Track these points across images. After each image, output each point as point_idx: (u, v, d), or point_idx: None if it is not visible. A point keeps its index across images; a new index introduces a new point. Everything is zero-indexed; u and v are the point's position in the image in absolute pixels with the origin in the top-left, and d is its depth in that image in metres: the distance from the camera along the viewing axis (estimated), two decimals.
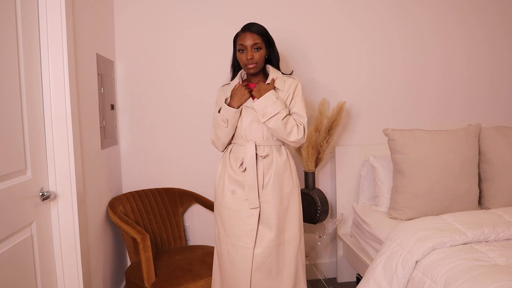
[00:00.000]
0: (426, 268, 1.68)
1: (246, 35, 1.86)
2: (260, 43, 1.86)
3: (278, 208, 1.86)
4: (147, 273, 2.01)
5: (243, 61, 1.87)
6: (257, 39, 1.85)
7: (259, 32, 1.87)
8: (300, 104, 1.92)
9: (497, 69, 2.95)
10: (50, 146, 1.67)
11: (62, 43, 1.66)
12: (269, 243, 1.83)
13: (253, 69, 1.88)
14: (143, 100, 2.59)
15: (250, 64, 1.86)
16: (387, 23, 2.79)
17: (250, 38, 1.84)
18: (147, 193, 2.49)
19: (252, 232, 1.83)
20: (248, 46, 1.84)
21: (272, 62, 1.97)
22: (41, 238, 1.61)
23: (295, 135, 1.86)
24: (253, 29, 1.87)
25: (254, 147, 1.86)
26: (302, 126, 1.88)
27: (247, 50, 1.85)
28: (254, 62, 1.86)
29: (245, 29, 1.88)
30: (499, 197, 2.31)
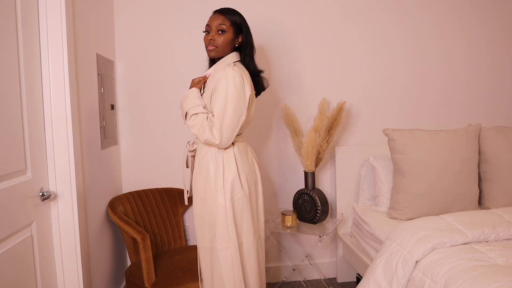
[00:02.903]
0: (426, 268, 1.68)
1: (214, 16, 1.79)
2: (226, 27, 1.76)
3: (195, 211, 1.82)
4: (147, 273, 2.01)
5: (205, 43, 1.80)
6: (224, 21, 1.76)
7: (228, 14, 1.77)
8: (216, 101, 1.69)
9: (497, 69, 2.95)
10: (50, 146, 1.67)
11: (62, 43, 1.66)
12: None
13: (213, 52, 1.79)
14: (143, 100, 2.59)
15: (210, 45, 1.77)
16: (387, 23, 2.79)
17: (216, 19, 1.77)
18: (147, 193, 2.49)
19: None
20: (213, 27, 1.76)
21: (241, 53, 1.83)
22: (41, 238, 1.61)
23: (202, 136, 1.71)
24: (223, 10, 1.79)
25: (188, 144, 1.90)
26: (212, 127, 1.69)
27: (211, 31, 1.77)
28: (215, 44, 1.76)
29: (215, 10, 1.82)
30: (499, 197, 2.31)
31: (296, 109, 2.68)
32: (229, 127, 1.70)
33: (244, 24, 1.82)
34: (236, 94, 1.69)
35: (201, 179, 1.79)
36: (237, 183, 1.75)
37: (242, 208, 1.77)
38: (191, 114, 1.75)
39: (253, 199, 1.83)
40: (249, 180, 1.80)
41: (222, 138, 1.69)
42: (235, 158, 1.77)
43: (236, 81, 1.69)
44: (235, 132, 1.73)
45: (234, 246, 1.75)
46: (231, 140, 1.74)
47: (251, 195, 1.82)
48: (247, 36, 1.83)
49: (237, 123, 1.72)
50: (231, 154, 1.77)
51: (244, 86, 1.72)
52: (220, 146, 1.73)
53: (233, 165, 1.75)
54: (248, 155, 1.87)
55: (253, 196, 1.84)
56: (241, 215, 1.77)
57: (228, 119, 1.69)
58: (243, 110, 1.72)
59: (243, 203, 1.77)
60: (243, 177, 1.78)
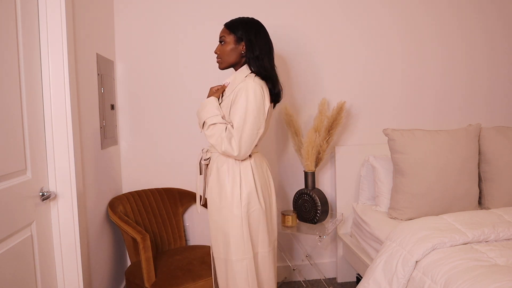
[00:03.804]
0: (426, 268, 1.68)
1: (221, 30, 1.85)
2: (226, 36, 1.78)
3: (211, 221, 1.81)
4: (147, 273, 2.01)
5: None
6: (224, 32, 1.80)
7: (228, 25, 1.81)
8: (236, 112, 1.68)
9: (496, 69, 2.95)
10: (50, 146, 1.67)
11: (62, 43, 1.66)
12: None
13: (220, 64, 1.83)
14: (143, 100, 2.59)
15: (217, 58, 1.83)
16: (387, 23, 2.79)
17: (221, 32, 1.83)
18: (147, 193, 2.49)
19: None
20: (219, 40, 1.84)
21: (249, 62, 1.78)
22: (41, 238, 1.61)
23: (220, 147, 1.69)
24: (226, 22, 1.83)
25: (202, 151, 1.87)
26: (231, 138, 1.67)
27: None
28: (219, 56, 1.81)
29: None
30: (499, 197, 2.31)
31: (296, 109, 2.68)
32: (248, 140, 1.69)
33: (243, 29, 1.78)
34: (256, 106, 1.68)
35: (217, 189, 1.77)
36: (254, 195, 1.74)
37: (259, 220, 1.76)
38: (209, 124, 1.73)
39: (267, 210, 1.82)
40: (264, 192, 1.80)
41: (241, 150, 1.68)
42: (252, 170, 1.76)
43: (256, 93, 1.68)
44: (253, 145, 1.72)
45: (249, 257, 1.74)
46: (249, 152, 1.72)
47: (266, 207, 1.80)
48: (249, 39, 1.76)
49: (255, 135, 1.71)
50: (248, 166, 1.76)
51: (264, 98, 1.71)
52: (238, 158, 1.72)
53: (250, 177, 1.74)
54: (263, 166, 1.86)
55: (268, 207, 1.83)
56: (257, 227, 1.77)
57: (248, 131, 1.67)
58: (262, 122, 1.71)
59: (259, 216, 1.76)
60: (259, 189, 1.77)
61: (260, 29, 1.81)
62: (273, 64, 1.84)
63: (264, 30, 1.83)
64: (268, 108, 1.74)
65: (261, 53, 1.76)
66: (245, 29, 1.78)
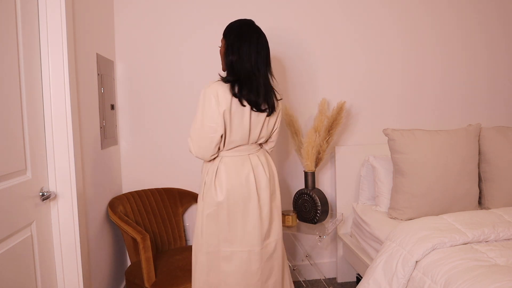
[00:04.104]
0: (426, 268, 1.68)
1: None
2: (221, 40, 1.83)
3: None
4: (147, 273, 2.01)
5: None
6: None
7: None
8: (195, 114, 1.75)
9: (496, 69, 2.95)
10: (50, 146, 1.67)
11: (62, 43, 1.67)
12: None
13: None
14: (143, 100, 2.59)
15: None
16: (386, 23, 2.79)
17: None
18: (147, 193, 2.49)
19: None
20: None
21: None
22: (41, 238, 1.61)
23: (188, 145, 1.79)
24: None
25: None
26: (188, 138, 1.76)
27: None
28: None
29: None
30: (499, 197, 2.31)
31: (296, 109, 2.68)
32: (201, 142, 1.73)
33: (227, 33, 1.77)
34: (203, 110, 1.69)
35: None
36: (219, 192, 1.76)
37: (217, 220, 1.77)
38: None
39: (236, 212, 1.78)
40: (231, 194, 1.76)
41: (196, 151, 1.76)
42: (216, 171, 1.77)
43: (205, 97, 1.69)
44: (210, 147, 1.73)
45: (205, 252, 1.79)
46: (207, 154, 1.75)
47: (232, 208, 1.77)
48: (229, 43, 1.74)
49: (209, 139, 1.71)
50: (215, 167, 1.78)
51: (214, 102, 1.67)
52: (198, 158, 1.79)
53: (212, 177, 1.77)
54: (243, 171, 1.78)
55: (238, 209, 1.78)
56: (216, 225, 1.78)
57: (197, 133, 1.72)
58: (212, 126, 1.69)
59: (217, 215, 1.77)
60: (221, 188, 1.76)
61: (242, 33, 1.74)
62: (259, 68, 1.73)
63: (248, 33, 1.74)
64: (225, 110, 1.67)
65: (239, 58, 1.71)
66: (227, 34, 1.77)
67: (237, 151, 1.81)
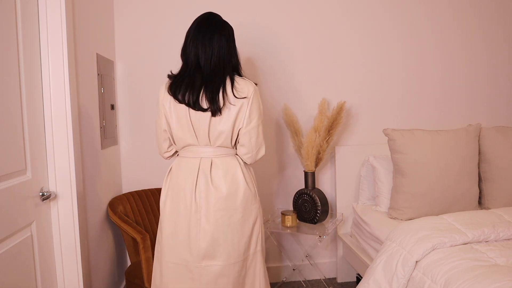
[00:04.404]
0: (426, 268, 1.68)
1: None
2: None
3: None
4: (147, 273, 2.01)
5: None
6: None
7: None
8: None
9: (497, 69, 2.95)
10: (50, 146, 1.67)
11: (62, 43, 1.67)
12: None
13: None
14: (143, 100, 2.59)
15: None
16: (386, 24, 2.79)
17: None
18: (147, 193, 2.49)
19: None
20: None
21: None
22: (41, 238, 1.61)
23: None
24: None
25: None
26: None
27: None
28: None
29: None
30: (499, 197, 2.31)
31: (296, 109, 2.68)
32: (157, 138, 1.76)
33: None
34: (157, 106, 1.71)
35: None
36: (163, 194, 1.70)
37: (160, 225, 1.71)
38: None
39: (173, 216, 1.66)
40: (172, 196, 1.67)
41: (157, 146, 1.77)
42: (169, 170, 1.73)
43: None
44: (160, 142, 1.73)
45: (157, 258, 1.72)
46: (159, 149, 1.77)
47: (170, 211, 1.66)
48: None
49: (157, 133, 1.74)
50: (170, 166, 1.74)
51: (161, 97, 1.68)
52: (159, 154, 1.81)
53: (165, 176, 1.74)
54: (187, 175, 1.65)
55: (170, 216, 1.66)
56: (159, 231, 1.71)
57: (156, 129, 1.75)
58: (157, 120, 1.71)
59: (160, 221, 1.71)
60: (165, 189, 1.70)
61: (191, 28, 1.69)
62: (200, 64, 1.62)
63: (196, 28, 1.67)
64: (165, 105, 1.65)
65: (183, 53, 1.69)
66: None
67: (188, 151, 1.68)
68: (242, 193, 1.64)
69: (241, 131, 1.64)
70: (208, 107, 1.59)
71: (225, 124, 1.61)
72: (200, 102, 1.59)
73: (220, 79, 1.60)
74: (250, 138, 1.64)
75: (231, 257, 1.63)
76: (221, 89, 1.59)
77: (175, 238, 1.65)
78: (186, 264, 1.63)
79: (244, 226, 1.65)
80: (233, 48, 1.68)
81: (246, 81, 1.66)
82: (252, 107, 1.62)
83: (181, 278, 1.64)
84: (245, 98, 1.61)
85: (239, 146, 1.68)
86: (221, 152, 1.66)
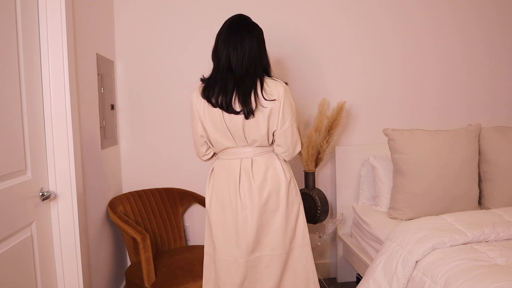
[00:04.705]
0: (426, 268, 1.68)
1: None
2: None
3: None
4: (147, 273, 2.01)
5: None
6: None
7: None
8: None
9: (497, 69, 2.95)
10: (50, 146, 1.67)
11: (62, 43, 1.66)
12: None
13: None
14: (143, 100, 2.59)
15: None
16: (386, 23, 2.79)
17: None
18: (147, 193, 2.49)
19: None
20: None
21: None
22: (41, 238, 1.61)
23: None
24: None
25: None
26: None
27: None
28: None
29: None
30: (499, 197, 2.31)
31: (296, 109, 2.67)
32: (194, 142, 1.79)
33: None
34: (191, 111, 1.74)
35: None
36: (208, 196, 1.76)
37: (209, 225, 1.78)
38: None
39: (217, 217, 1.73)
40: (217, 198, 1.73)
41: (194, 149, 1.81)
42: (211, 172, 1.78)
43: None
44: (198, 147, 1.78)
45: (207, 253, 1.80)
46: (197, 153, 1.81)
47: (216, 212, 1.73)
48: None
49: (194, 139, 1.77)
50: (211, 168, 1.79)
51: (192, 102, 1.69)
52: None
53: (208, 177, 1.79)
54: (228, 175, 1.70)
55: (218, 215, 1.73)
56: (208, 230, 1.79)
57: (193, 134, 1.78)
58: (193, 126, 1.74)
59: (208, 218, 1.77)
60: (209, 192, 1.76)
61: (222, 31, 1.68)
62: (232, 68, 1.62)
63: (227, 30, 1.66)
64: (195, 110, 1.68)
65: (215, 56, 1.68)
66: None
67: (228, 154, 1.72)
68: (284, 187, 1.69)
69: (276, 132, 1.67)
70: (241, 110, 1.60)
71: (259, 127, 1.63)
72: (233, 105, 1.60)
73: (251, 81, 1.61)
74: (285, 138, 1.67)
75: (277, 248, 1.69)
76: (253, 91, 1.60)
77: (224, 237, 1.70)
78: (235, 260, 1.69)
79: (288, 219, 1.71)
80: (264, 50, 1.70)
81: (276, 82, 1.66)
82: (285, 108, 1.64)
83: (232, 270, 1.70)
84: (276, 100, 1.62)
85: (276, 146, 1.71)
86: (260, 151, 1.70)
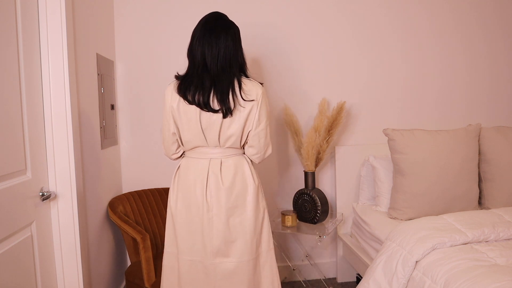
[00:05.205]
0: (426, 268, 1.68)
1: None
2: None
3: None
4: (147, 273, 2.01)
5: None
6: None
7: None
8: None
9: (497, 69, 2.95)
10: (50, 146, 1.67)
11: (62, 43, 1.66)
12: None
13: None
14: (143, 100, 2.59)
15: None
16: (387, 24, 2.79)
17: None
18: (147, 193, 2.49)
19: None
20: None
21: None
22: (41, 238, 1.61)
23: None
24: None
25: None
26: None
27: None
28: None
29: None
30: (499, 197, 2.31)
31: (296, 109, 2.68)
32: (163, 139, 1.74)
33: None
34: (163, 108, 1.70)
35: None
36: (173, 194, 1.72)
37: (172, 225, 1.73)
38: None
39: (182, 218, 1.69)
40: (183, 197, 1.69)
41: (163, 147, 1.76)
42: (176, 170, 1.74)
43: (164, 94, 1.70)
44: (169, 145, 1.72)
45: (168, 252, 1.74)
46: (167, 151, 1.76)
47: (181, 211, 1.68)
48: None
49: (165, 136, 1.72)
50: (177, 167, 1.75)
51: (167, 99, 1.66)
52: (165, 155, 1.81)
53: (173, 176, 1.75)
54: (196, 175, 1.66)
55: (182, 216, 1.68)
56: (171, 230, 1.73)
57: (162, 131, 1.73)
58: (165, 123, 1.69)
59: (168, 217, 1.74)
60: (175, 190, 1.72)
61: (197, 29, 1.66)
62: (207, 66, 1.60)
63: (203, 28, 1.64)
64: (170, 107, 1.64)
65: (189, 54, 1.67)
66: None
67: (197, 152, 1.68)
68: (252, 191, 1.67)
69: (250, 133, 1.66)
70: (219, 108, 1.58)
71: (235, 127, 1.62)
72: (211, 103, 1.59)
73: (228, 79, 1.59)
74: (259, 139, 1.67)
75: (245, 254, 1.65)
76: (230, 90, 1.59)
77: (189, 237, 1.67)
78: (201, 260, 1.66)
79: (255, 223, 1.68)
80: (240, 48, 1.67)
81: (253, 82, 1.66)
82: (261, 109, 1.64)
83: (197, 274, 1.67)
84: (254, 101, 1.62)
85: (248, 147, 1.70)
86: (230, 153, 1.68)
